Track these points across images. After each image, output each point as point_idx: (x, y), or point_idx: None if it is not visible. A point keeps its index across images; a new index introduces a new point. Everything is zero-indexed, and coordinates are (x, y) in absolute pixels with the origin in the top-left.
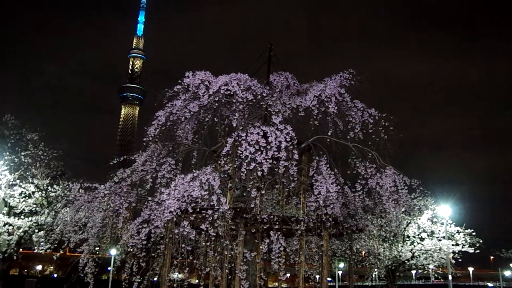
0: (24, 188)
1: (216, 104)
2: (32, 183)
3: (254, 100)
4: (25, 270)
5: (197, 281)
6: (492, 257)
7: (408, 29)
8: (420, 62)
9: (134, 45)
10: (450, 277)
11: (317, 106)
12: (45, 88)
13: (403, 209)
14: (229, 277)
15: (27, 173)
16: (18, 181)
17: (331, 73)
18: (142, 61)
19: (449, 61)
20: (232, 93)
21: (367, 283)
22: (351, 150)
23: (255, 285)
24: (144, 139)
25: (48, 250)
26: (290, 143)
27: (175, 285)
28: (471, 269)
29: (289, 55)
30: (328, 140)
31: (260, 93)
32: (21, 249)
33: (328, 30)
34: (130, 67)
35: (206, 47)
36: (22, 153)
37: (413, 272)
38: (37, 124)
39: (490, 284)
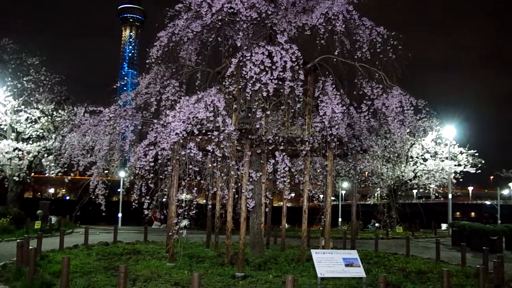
0: (29, 113)
1: (220, 24)
2: (37, 108)
3: (259, 19)
4: (39, 193)
5: (204, 201)
6: (492, 177)
7: None
8: None
9: None
10: (450, 195)
11: (324, 24)
12: (40, 9)
13: (408, 130)
14: (236, 196)
15: (31, 99)
16: (23, 106)
17: None
18: None
19: None
20: (235, 11)
21: (369, 202)
22: (358, 70)
23: (260, 204)
24: (147, 61)
25: (59, 174)
26: (296, 63)
27: (183, 204)
28: (470, 189)
29: None
30: (334, 60)
31: (265, 11)
32: (33, 173)
33: None
34: None
35: None
36: (24, 79)
37: (415, 191)
38: (36, 48)
39: (487, 202)
